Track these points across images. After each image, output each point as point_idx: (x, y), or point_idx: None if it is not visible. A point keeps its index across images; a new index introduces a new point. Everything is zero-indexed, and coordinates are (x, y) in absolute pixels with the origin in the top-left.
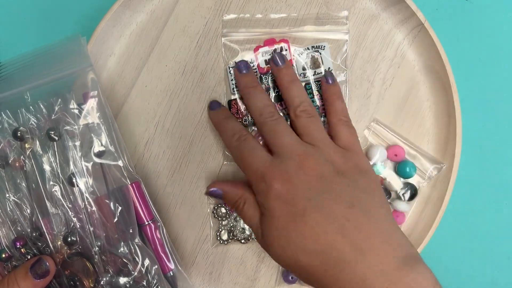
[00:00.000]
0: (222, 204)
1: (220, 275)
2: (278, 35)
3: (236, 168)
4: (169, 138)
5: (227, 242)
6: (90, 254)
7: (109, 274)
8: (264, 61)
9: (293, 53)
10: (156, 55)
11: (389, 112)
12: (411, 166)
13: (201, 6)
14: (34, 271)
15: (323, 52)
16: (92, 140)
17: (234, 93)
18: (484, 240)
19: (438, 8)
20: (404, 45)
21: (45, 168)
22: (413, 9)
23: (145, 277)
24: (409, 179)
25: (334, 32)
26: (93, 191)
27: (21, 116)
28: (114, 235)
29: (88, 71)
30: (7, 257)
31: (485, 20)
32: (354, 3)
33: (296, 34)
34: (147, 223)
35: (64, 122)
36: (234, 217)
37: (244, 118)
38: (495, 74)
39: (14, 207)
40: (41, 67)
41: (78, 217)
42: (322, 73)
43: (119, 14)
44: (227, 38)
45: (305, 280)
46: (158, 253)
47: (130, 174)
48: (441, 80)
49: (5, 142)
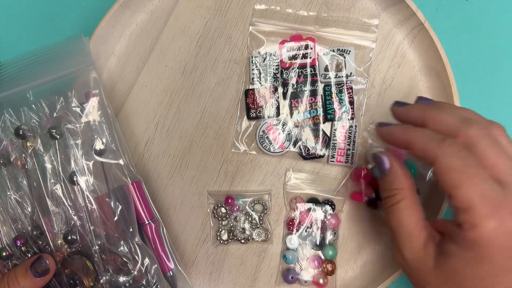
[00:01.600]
0: (222, 204)
1: (220, 275)
2: (305, 32)
3: (237, 168)
4: (169, 138)
5: (227, 242)
6: (90, 253)
7: (109, 273)
8: (288, 56)
9: (318, 52)
10: (156, 55)
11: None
12: (412, 167)
13: (201, 6)
14: (34, 269)
15: (348, 57)
16: (93, 139)
17: (253, 83)
18: None
19: (438, 8)
20: (404, 45)
21: (47, 167)
22: (413, 9)
23: (145, 276)
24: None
25: (361, 38)
26: (93, 190)
27: (23, 115)
28: (114, 234)
29: (90, 70)
30: (7, 255)
31: (485, 20)
32: (354, 3)
33: (323, 34)
34: (147, 223)
35: (66, 120)
36: (234, 217)
37: (259, 109)
38: (495, 74)
39: (15, 205)
40: (43, 66)
41: (78, 216)
42: (343, 77)
43: (119, 14)
44: (255, 27)
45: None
46: (158, 253)
47: (130, 173)
48: (441, 80)
49: (7, 140)
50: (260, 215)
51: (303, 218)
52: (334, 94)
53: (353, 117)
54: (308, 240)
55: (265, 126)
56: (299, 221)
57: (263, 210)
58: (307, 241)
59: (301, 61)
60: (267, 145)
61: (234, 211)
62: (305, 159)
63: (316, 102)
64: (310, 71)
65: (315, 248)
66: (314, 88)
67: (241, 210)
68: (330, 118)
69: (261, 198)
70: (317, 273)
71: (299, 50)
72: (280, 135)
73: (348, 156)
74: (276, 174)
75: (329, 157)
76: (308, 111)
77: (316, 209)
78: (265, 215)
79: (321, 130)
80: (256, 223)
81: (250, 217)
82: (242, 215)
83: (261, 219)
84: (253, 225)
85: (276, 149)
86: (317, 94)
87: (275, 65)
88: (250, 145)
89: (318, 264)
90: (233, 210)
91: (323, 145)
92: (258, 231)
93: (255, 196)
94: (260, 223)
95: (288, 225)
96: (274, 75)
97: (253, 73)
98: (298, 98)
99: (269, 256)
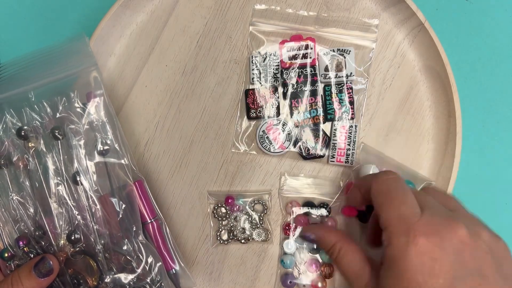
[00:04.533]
0: (222, 204)
1: (220, 275)
2: (305, 32)
3: (237, 168)
4: (169, 138)
5: (227, 242)
6: (93, 252)
7: (112, 272)
8: (288, 56)
9: (318, 52)
10: (156, 55)
11: (389, 112)
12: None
13: (201, 6)
14: (38, 270)
15: (348, 57)
16: (96, 139)
17: (253, 83)
18: None
19: (438, 8)
20: (404, 45)
21: (49, 167)
22: (413, 9)
23: (149, 274)
24: None
25: (361, 38)
26: (97, 190)
27: (25, 115)
28: (118, 233)
29: (92, 70)
30: (10, 256)
31: (485, 20)
32: (354, 3)
33: (323, 34)
34: (150, 221)
35: (69, 121)
36: (234, 217)
37: (259, 109)
38: (495, 74)
39: (17, 206)
40: (45, 66)
41: (82, 215)
42: (344, 76)
43: (119, 14)
44: (255, 27)
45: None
46: (160, 251)
47: (133, 172)
48: (441, 80)
49: (8, 141)
50: (260, 215)
51: (299, 222)
52: (334, 94)
53: (353, 117)
54: (305, 244)
55: (265, 126)
56: (295, 225)
57: (263, 210)
58: (304, 245)
59: (301, 61)
60: (267, 145)
61: (234, 211)
62: (305, 159)
63: (316, 102)
64: (310, 71)
65: (312, 252)
66: (314, 88)
67: (241, 210)
68: (330, 118)
69: (261, 198)
70: (316, 277)
71: (299, 50)
72: (280, 135)
73: (348, 156)
74: (276, 174)
75: (329, 157)
76: (308, 111)
77: (312, 213)
78: (265, 215)
79: (321, 130)
80: (256, 223)
81: (250, 217)
82: (242, 215)
83: (261, 219)
84: (253, 225)
85: (276, 149)
86: (317, 94)
87: (275, 65)
88: (250, 145)
89: (316, 267)
90: (233, 210)
91: (323, 145)
92: (258, 231)
93: (255, 196)
94: (260, 223)
95: (284, 229)
96: (274, 75)
97: (253, 73)
98: (298, 98)
99: (269, 256)
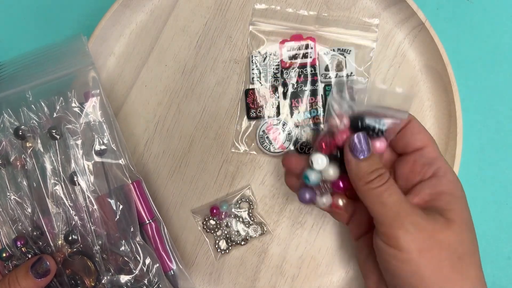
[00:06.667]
0: (209, 217)
1: (220, 275)
2: (305, 32)
3: (237, 168)
4: (169, 138)
5: (228, 249)
6: (91, 253)
7: (110, 272)
8: (288, 56)
9: (318, 52)
10: (156, 54)
11: None
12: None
13: (201, 5)
14: (35, 270)
15: (348, 56)
16: (93, 139)
17: (253, 83)
18: (484, 240)
19: (439, 8)
20: (405, 45)
21: (47, 167)
22: (414, 8)
23: (146, 275)
24: None
25: (362, 38)
26: (94, 190)
27: (22, 115)
28: (115, 234)
29: (90, 69)
30: (7, 256)
31: (485, 20)
32: (355, 3)
33: (323, 33)
34: (148, 222)
35: (66, 120)
36: (226, 224)
37: (259, 109)
38: (495, 73)
39: (15, 206)
40: (42, 66)
41: (79, 216)
42: (344, 76)
43: (119, 13)
44: (255, 27)
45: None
46: (159, 252)
47: (131, 172)
48: (441, 80)
49: (6, 141)
50: (248, 211)
51: (340, 141)
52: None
53: None
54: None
55: (265, 126)
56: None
57: (249, 206)
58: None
59: (301, 61)
60: (267, 145)
61: (222, 218)
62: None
63: (317, 102)
64: (310, 71)
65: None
66: (315, 88)
67: (229, 215)
68: None
69: (243, 196)
70: (336, 195)
71: (300, 50)
72: (280, 135)
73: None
74: (276, 174)
75: None
76: (309, 111)
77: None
78: (253, 209)
79: (322, 130)
80: (248, 221)
81: (240, 217)
82: (232, 219)
83: (251, 215)
84: (245, 224)
85: (276, 149)
86: (317, 94)
87: (275, 65)
88: (250, 145)
89: (344, 186)
90: (221, 218)
91: None
92: (253, 227)
93: (237, 195)
94: (251, 219)
95: (320, 145)
96: (274, 74)
97: (253, 73)
98: (298, 98)
99: (269, 256)
